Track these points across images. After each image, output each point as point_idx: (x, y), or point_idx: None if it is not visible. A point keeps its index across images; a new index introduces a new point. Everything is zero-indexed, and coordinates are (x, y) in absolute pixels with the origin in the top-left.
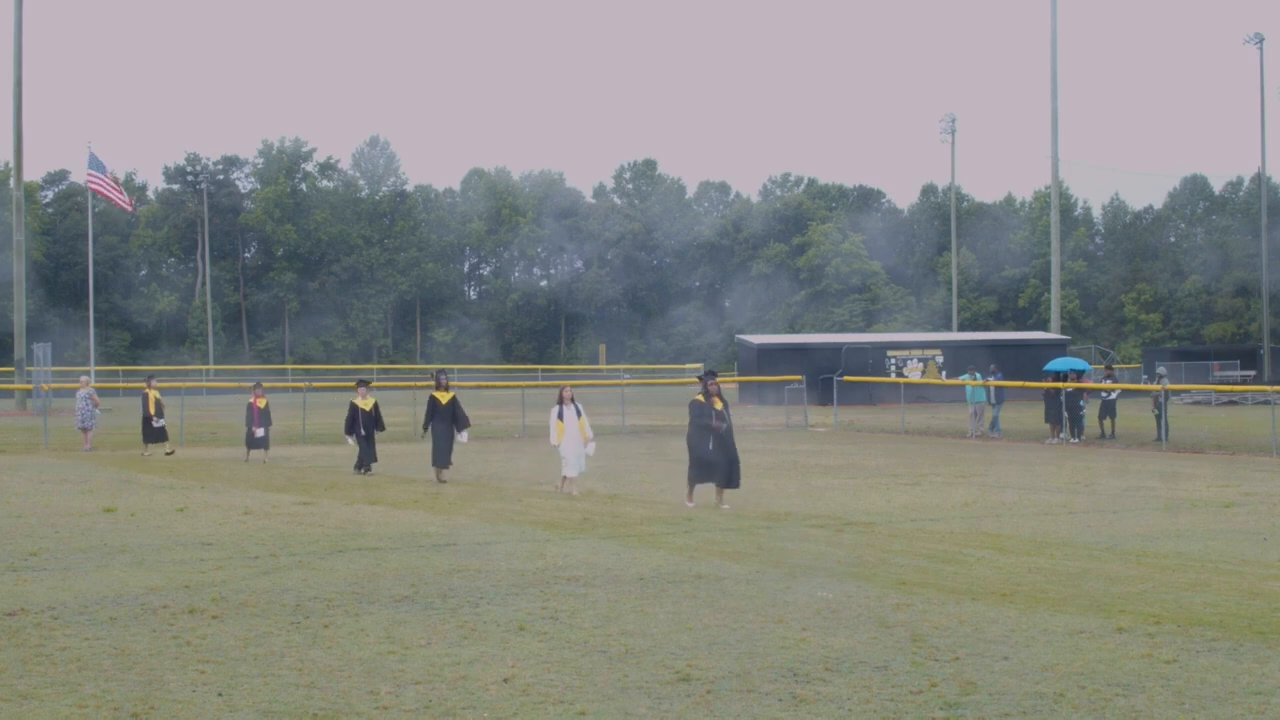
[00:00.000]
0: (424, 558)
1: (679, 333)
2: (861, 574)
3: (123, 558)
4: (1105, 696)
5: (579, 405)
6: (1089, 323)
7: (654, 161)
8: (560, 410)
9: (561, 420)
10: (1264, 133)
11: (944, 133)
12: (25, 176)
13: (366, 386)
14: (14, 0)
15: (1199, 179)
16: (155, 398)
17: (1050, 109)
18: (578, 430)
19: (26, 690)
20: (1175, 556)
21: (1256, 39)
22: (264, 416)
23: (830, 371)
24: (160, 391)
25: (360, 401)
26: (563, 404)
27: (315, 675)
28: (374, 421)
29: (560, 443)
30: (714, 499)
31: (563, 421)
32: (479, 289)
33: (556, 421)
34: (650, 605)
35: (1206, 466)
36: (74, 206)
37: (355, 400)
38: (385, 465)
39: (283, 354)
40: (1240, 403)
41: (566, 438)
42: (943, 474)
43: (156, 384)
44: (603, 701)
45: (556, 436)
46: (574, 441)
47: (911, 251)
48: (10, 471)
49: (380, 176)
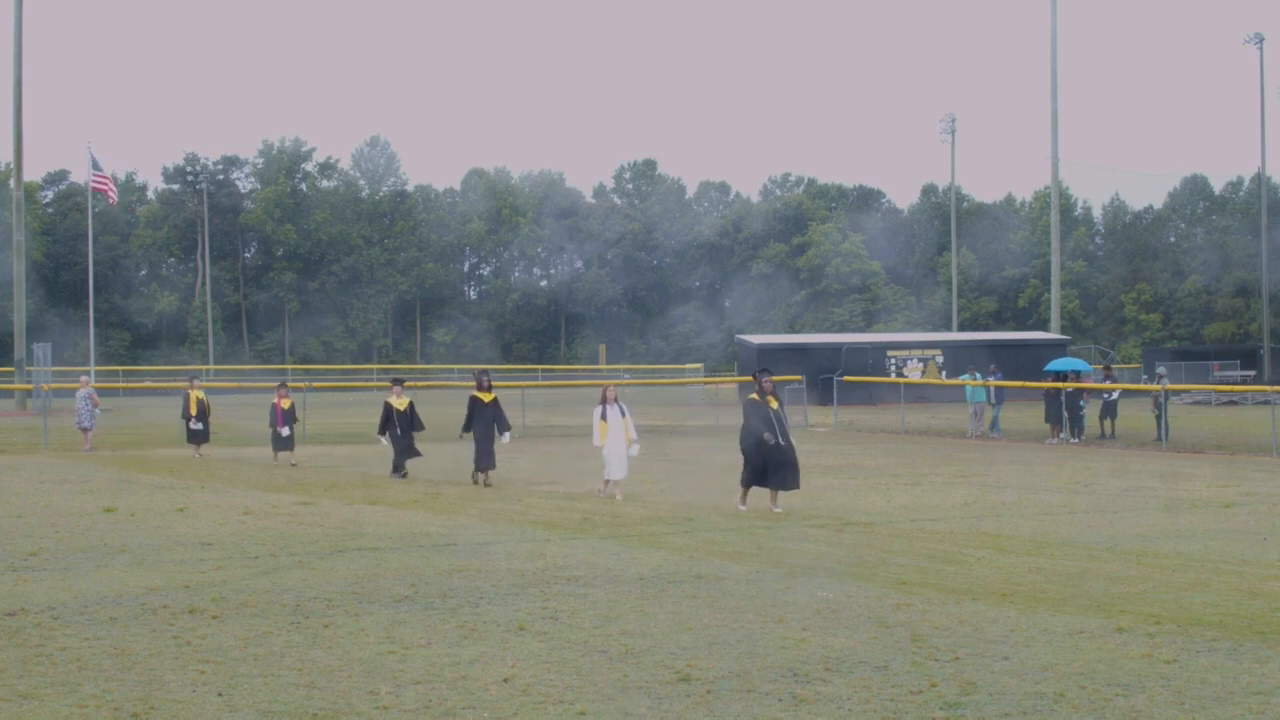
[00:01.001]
0: (424, 558)
1: (679, 333)
2: (861, 574)
3: (123, 558)
4: (1105, 696)
5: (623, 405)
6: (1089, 323)
7: (654, 161)
8: (604, 410)
9: (605, 421)
10: (1264, 133)
11: (944, 133)
12: (25, 176)
13: (402, 385)
14: (14, 0)
15: (1199, 179)
16: (198, 398)
17: (1050, 109)
18: (622, 431)
19: (26, 690)
20: (1175, 556)
21: (1256, 39)
22: (288, 416)
23: (830, 371)
24: (204, 391)
25: (395, 401)
26: (606, 404)
27: (315, 675)
28: (410, 421)
29: (604, 444)
30: (767, 502)
31: (606, 422)
32: (479, 289)
33: (600, 422)
34: (650, 605)
35: (1206, 466)
36: (74, 206)
37: (390, 399)
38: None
39: (283, 354)
40: (1240, 403)
41: (610, 439)
42: (943, 474)
43: (200, 384)
44: (603, 701)
45: (600, 438)
46: (618, 443)
47: (911, 251)
48: (10, 471)
49: (380, 176)
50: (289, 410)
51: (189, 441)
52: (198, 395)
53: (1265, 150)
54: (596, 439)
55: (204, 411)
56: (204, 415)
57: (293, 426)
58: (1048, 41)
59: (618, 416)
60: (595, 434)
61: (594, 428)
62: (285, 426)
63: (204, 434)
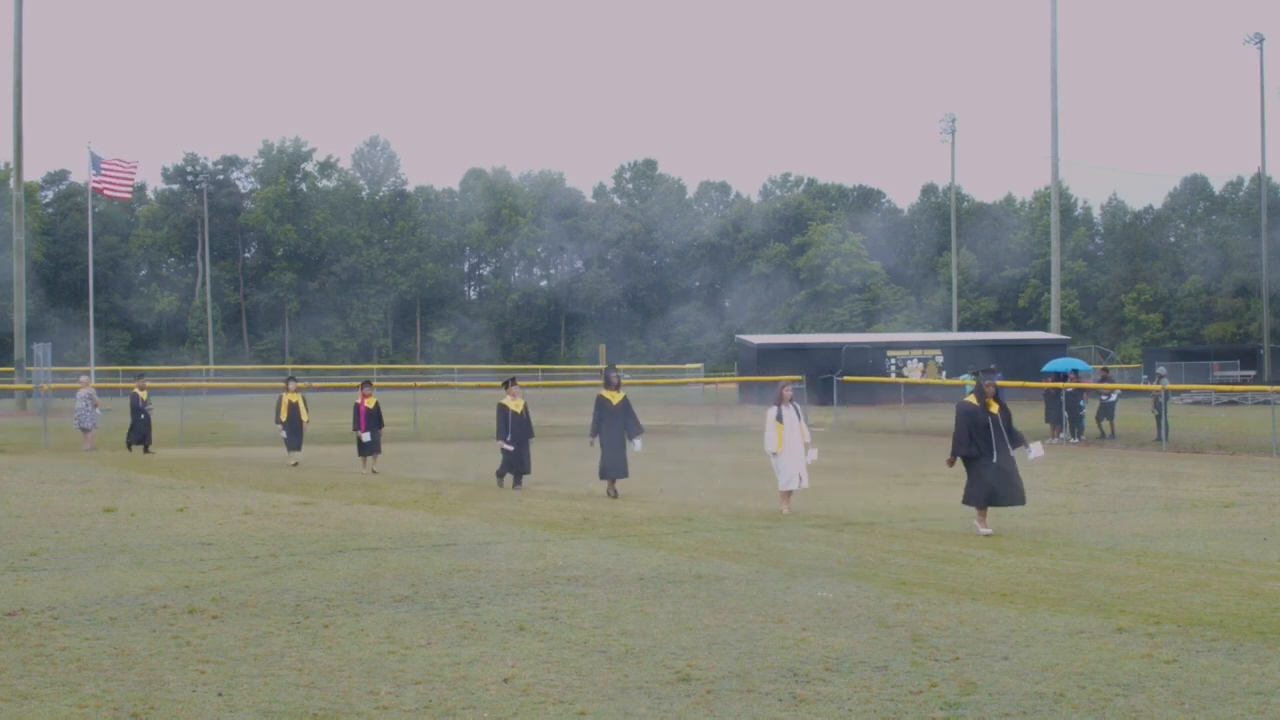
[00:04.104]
0: (424, 558)
1: (679, 333)
2: (861, 574)
3: (123, 558)
4: (1105, 696)
5: (798, 406)
6: (1089, 323)
7: (654, 161)
8: (779, 411)
9: (781, 423)
10: (1264, 133)
11: (944, 133)
12: (25, 176)
13: (516, 385)
14: (14, 0)
15: (1199, 179)
16: (292, 400)
17: (1050, 109)
18: (799, 435)
19: (26, 690)
20: (1175, 556)
21: (1256, 39)
22: (373, 418)
23: (830, 371)
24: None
25: (510, 403)
26: (781, 404)
27: (315, 675)
28: (526, 426)
29: (780, 450)
30: (975, 522)
31: (783, 424)
32: (479, 289)
33: (775, 424)
34: (650, 605)
35: (1206, 466)
36: (74, 206)
37: (505, 401)
38: (387, 464)
39: (283, 354)
40: (1240, 403)
41: (788, 445)
42: (943, 474)
43: (297, 385)
44: (603, 701)
45: (777, 443)
46: (796, 449)
47: (911, 251)
48: (10, 471)
49: (380, 176)
50: (373, 411)
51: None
52: (291, 399)
53: (1265, 150)
54: (772, 444)
55: (296, 416)
56: (296, 420)
57: (377, 430)
58: (1048, 41)
59: (794, 418)
60: (770, 438)
61: (768, 431)
62: (367, 431)
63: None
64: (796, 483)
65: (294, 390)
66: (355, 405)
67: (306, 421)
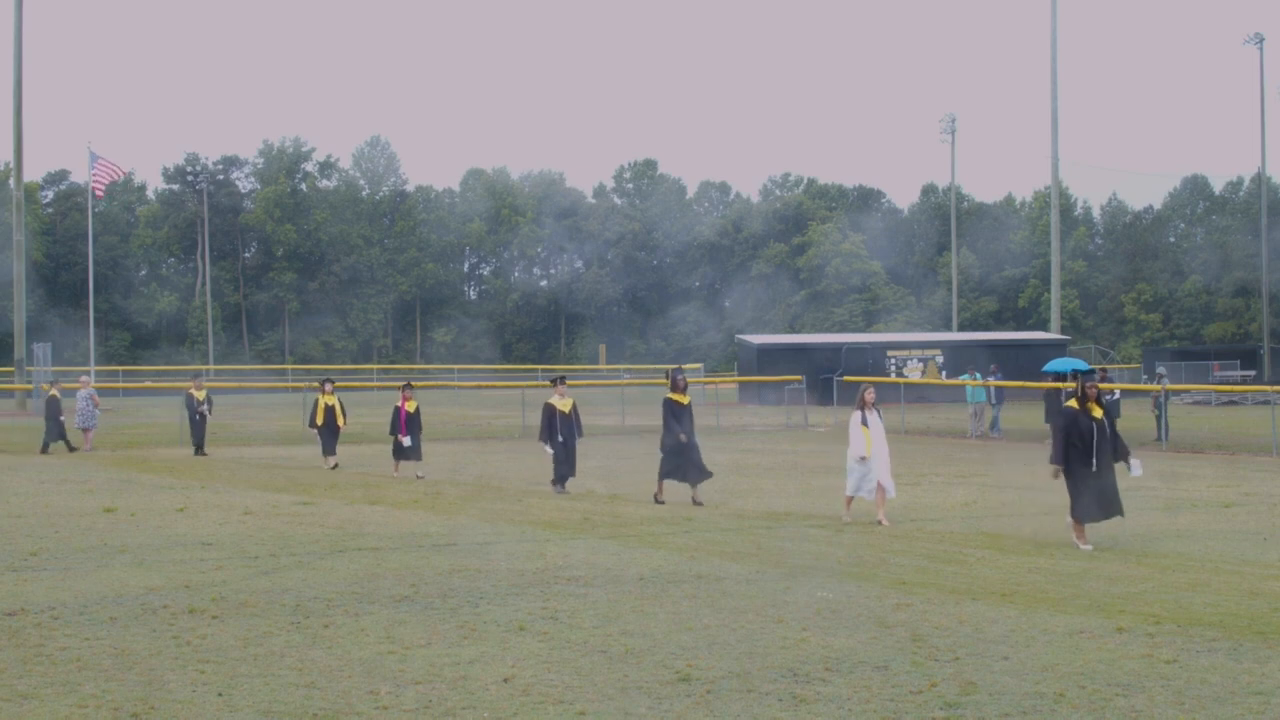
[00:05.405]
0: (424, 558)
1: (679, 333)
2: (861, 574)
3: (123, 558)
4: (1105, 696)
5: (879, 410)
6: (1089, 323)
7: (654, 161)
8: (863, 416)
9: (866, 427)
10: (1264, 133)
11: (944, 133)
12: (25, 176)
13: (564, 384)
14: (14, 0)
15: (1199, 179)
16: (328, 403)
17: (1050, 109)
18: (884, 440)
19: (26, 690)
20: (1175, 556)
21: (1256, 39)
22: (413, 422)
23: (830, 371)
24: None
25: (559, 402)
26: (865, 409)
27: (315, 675)
28: (574, 426)
29: (868, 455)
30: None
31: (868, 429)
32: (479, 289)
33: (860, 429)
34: (650, 605)
35: (1206, 466)
36: (74, 206)
37: (552, 400)
38: (388, 464)
39: (283, 354)
40: (1240, 403)
41: (875, 450)
42: (943, 474)
43: (332, 387)
44: (603, 701)
45: (865, 447)
46: (883, 455)
47: (911, 251)
48: (10, 471)
49: (380, 176)
50: (414, 414)
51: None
52: (328, 401)
53: (1265, 150)
54: (860, 449)
55: (333, 419)
56: (333, 423)
57: (418, 435)
58: (1048, 42)
59: (878, 423)
60: (856, 443)
61: (852, 436)
62: (408, 435)
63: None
64: (873, 490)
65: (330, 393)
66: (395, 408)
67: (343, 426)
